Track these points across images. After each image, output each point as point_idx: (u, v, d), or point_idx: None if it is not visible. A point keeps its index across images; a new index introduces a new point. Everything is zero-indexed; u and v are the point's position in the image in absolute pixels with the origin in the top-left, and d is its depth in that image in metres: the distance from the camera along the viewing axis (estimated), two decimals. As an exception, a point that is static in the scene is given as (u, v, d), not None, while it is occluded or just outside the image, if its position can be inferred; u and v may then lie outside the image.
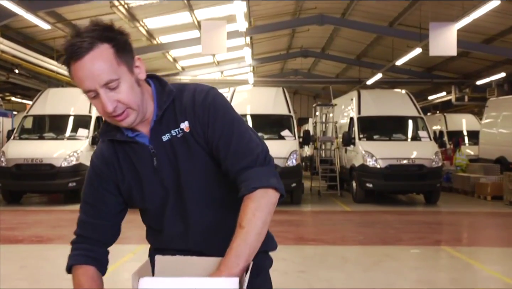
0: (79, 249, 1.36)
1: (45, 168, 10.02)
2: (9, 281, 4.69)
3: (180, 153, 1.33)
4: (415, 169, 10.55)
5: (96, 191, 1.36)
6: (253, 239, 1.20)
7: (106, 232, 1.38)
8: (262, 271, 1.49)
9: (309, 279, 4.86)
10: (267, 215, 1.25)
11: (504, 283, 4.84)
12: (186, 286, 0.98)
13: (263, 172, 1.28)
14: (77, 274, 1.32)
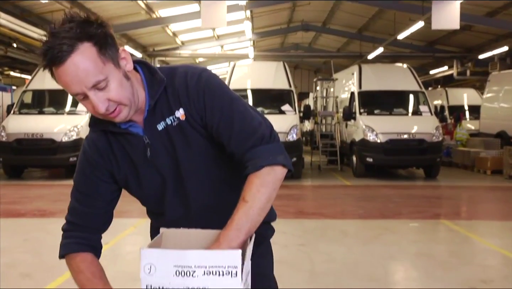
0: (73, 237, 1.34)
1: (45, 142, 10.05)
2: (12, 254, 4.75)
3: (177, 141, 1.30)
4: (416, 144, 10.56)
5: (88, 180, 1.33)
6: (255, 214, 1.18)
7: (99, 220, 1.36)
8: (265, 240, 1.50)
9: (309, 252, 4.91)
10: (272, 191, 1.23)
11: (503, 256, 4.89)
12: (188, 259, 0.98)
13: (269, 149, 1.25)
14: (75, 262, 1.31)
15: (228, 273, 0.96)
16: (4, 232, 5.62)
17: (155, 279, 0.98)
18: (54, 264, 4.39)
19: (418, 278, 4.25)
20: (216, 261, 0.97)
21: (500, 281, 4.11)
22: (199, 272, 0.96)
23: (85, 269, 1.28)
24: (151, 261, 0.99)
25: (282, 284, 1.77)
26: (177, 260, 0.97)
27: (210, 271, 0.96)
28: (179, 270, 0.97)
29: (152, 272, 0.98)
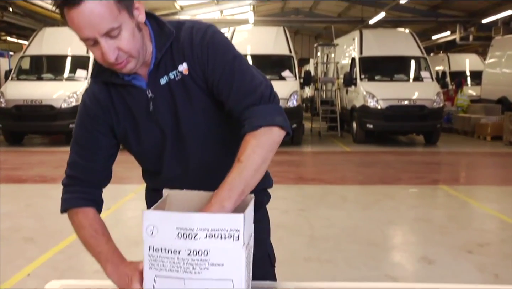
0: (74, 191, 1.33)
1: (45, 109, 10.02)
2: (15, 219, 4.81)
3: (178, 96, 1.29)
4: (416, 110, 10.53)
5: (88, 133, 1.32)
6: (249, 175, 1.16)
7: (99, 174, 1.35)
8: (261, 206, 1.51)
9: (309, 217, 4.97)
10: (267, 152, 1.21)
11: (500, 220, 4.95)
12: (191, 221, 0.98)
13: (268, 109, 1.24)
14: (77, 217, 1.30)
15: (230, 237, 0.96)
16: (6, 198, 5.67)
17: (157, 240, 0.98)
18: (56, 229, 4.45)
19: (416, 242, 4.31)
20: (219, 224, 0.97)
21: (497, 244, 4.17)
22: (201, 235, 0.96)
23: (87, 225, 1.28)
24: (153, 223, 0.99)
25: (282, 248, 1.79)
26: (179, 222, 0.97)
27: (212, 234, 0.96)
28: (181, 232, 0.97)
29: (154, 234, 0.99)
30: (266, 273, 1.39)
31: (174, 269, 0.98)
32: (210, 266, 0.97)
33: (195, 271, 0.98)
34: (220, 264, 0.97)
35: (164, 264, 0.99)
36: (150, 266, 1.00)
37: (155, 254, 0.99)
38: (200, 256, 0.97)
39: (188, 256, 0.97)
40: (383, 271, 3.53)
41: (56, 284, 1.29)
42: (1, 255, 3.77)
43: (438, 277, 3.39)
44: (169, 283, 0.99)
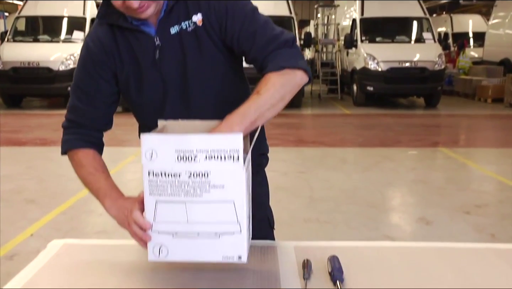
0: (75, 133, 1.31)
1: (42, 71, 9.93)
2: (17, 181, 4.84)
3: (188, 47, 1.25)
4: (417, 72, 10.43)
5: (90, 77, 1.28)
6: (265, 107, 1.13)
7: (99, 120, 1.33)
8: (260, 169, 1.50)
9: (309, 179, 5.00)
10: (287, 92, 1.17)
11: (498, 182, 4.99)
12: (190, 143, 0.96)
13: (292, 53, 1.21)
14: (77, 156, 1.29)
15: (230, 157, 0.95)
16: (7, 160, 5.69)
17: (157, 165, 0.97)
18: (58, 191, 4.48)
19: (414, 204, 4.35)
20: (218, 144, 0.95)
21: (494, 205, 4.21)
22: (200, 157, 0.96)
23: (87, 164, 1.27)
24: (152, 147, 0.97)
25: (282, 209, 1.80)
26: (178, 144, 0.96)
27: (212, 155, 0.95)
28: (181, 155, 0.96)
29: (154, 158, 0.97)
30: (266, 236, 1.41)
31: (175, 193, 0.98)
32: (211, 188, 0.97)
33: (196, 194, 0.97)
34: (221, 186, 0.97)
35: (164, 189, 0.98)
36: (150, 192, 0.99)
37: (155, 178, 0.98)
38: (201, 178, 0.96)
39: (189, 178, 0.97)
40: (382, 232, 3.58)
41: (59, 243, 1.30)
42: (4, 216, 3.81)
43: (435, 237, 3.44)
44: (171, 208, 0.99)
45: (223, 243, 1.00)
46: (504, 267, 1.16)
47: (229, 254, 1.01)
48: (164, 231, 1.01)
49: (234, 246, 1.00)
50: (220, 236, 1.00)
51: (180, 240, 1.01)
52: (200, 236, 1.00)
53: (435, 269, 1.15)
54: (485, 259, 1.20)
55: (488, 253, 1.24)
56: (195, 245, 1.01)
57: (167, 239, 1.02)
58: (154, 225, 1.01)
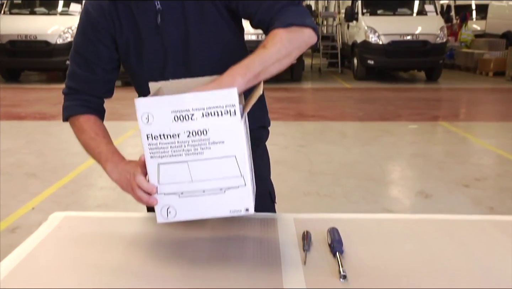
0: (76, 99, 1.30)
1: (40, 44, 9.83)
2: (17, 155, 4.85)
3: (191, 13, 1.22)
4: (419, 45, 10.33)
5: (90, 43, 1.26)
6: (270, 61, 1.08)
7: (100, 87, 1.31)
8: (261, 143, 1.50)
9: (308, 153, 5.01)
10: (294, 49, 1.12)
11: (497, 155, 5.00)
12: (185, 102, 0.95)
13: (299, 11, 1.16)
14: (79, 122, 1.28)
15: (227, 112, 0.95)
16: (7, 134, 5.69)
17: (155, 127, 0.97)
18: (58, 165, 4.50)
19: (414, 177, 4.37)
20: (213, 101, 0.95)
21: (493, 179, 4.23)
22: (197, 115, 0.95)
23: (88, 129, 1.26)
24: (147, 110, 0.97)
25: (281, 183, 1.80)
26: (173, 105, 0.96)
27: (209, 112, 0.95)
28: (177, 115, 0.96)
29: (150, 121, 0.97)
30: (267, 210, 1.41)
31: (176, 154, 0.98)
32: (211, 145, 0.97)
33: (197, 152, 0.98)
34: (221, 142, 0.97)
35: (165, 150, 0.98)
36: (151, 155, 0.99)
37: (154, 141, 0.98)
38: (200, 136, 0.97)
39: (188, 138, 0.97)
40: (381, 205, 3.60)
41: (60, 215, 1.31)
42: (5, 190, 3.83)
43: (434, 210, 3.47)
44: (173, 169, 0.99)
45: (229, 197, 1.01)
46: (502, 238, 1.17)
47: (236, 207, 1.02)
48: (170, 192, 1.02)
49: (240, 199, 1.02)
50: (225, 191, 1.00)
51: (186, 199, 1.02)
52: (205, 193, 1.01)
53: (435, 240, 1.16)
54: (484, 231, 1.21)
55: (487, 225, 1.25)
56: (202, 203, 1.01)
57: (173, 199, 1.02)
58: (159, 188, 1.02)
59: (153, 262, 1.05)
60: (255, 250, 1.11)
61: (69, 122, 1.32)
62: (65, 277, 0.99)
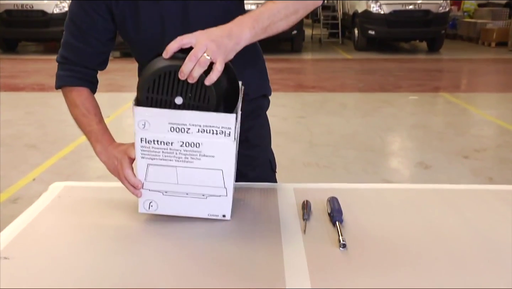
0: (68, 70, 1.28)
1: (36, 14, 9.70)
2: (16, 126, 4.84)
3: None
4: (421, 15, 10.19)
5: (84, 12, 1.23)
6: (278, 17, 1.05)
7: (94, 59, 1.28)
8: (262, 112, 1.49)
9: (308, 124, 5.00)
10: (302, 7, 1.09)
11: (498, 126, 4.99)
12: (183, 117, 0.96)
13: None
14: (71, 95, 1.27)
15: (222, 133, 0.98)
16: (5, 105, 5.67)
17: (150, 133, 1.00)
18: (58, 136, 4.49)
19: (413, 148, 4.37)
20: (211, 121, 0.98)
21: (493, 150, 4.24)
22: (193, 130, 0.99)
23: (80, 104, 1.25)
24: (145, 118, 0.99)
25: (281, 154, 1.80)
26: (171, 118, 0.98)
27: (204, 130, 0.98)
28: (174, 127, 0.99)
29: (147, 127, 1.00)
30: (267, 179, 1.41)
31: (166, 159, 1.02)
32: (201, 156, 1.01)
33: (187, 160, 1.02)
34: (211, 156, 1.01)
35: (156, 154, 1.02)
36: (142, 156, 1.03)
37: (147, 145, 1.01)
38: (192, 147, 1.00)
39: (181, 147, 1.00)
40: (381, 176, 3.62)
41: (60, 185, 1.31)
42: (6, 161, 3.84)
43: (434, 181, 3.48)
44: (162, 171, 1.03)
45: (209, 203, 1.06)
46: (501, 207, 1.17)
47: (214, 212, 1.08)
48: (155, 190, 1.06)
49: (220, 206, 1.07)
50: (207, 197, 1.06)
51: (169, 197, 1.07)
52: (188, 195, 1.06)
53: (434, 209, 1.16)
54: (483, 200, 1.22)
55: (486, 194, 1.25)
56: (184, 203, 1.07)
57: (157, 196, 1.07)
58: (145, 184, 1.06)
59: (154, 227, 1.07)
60: (255, 220, 1.11)
61: (62, 92, 1.30)
62: (66, 245, 1.00)
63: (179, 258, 0.95)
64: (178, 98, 0.98)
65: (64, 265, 0.92)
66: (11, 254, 0.96)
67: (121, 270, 0.91)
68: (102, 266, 0.92)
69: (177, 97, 0.98)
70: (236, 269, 0.91)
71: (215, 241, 1.01)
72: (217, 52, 0.96)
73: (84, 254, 0.97)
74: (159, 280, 0.87)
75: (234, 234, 1.04)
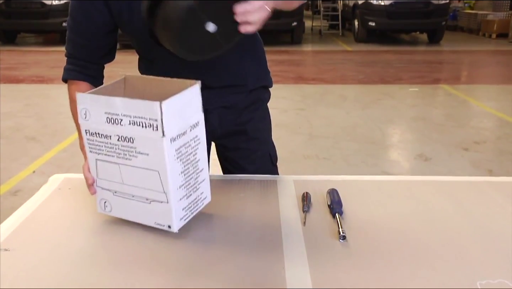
0: (73, 64, 1.29)
1: (35, 5, 9.66)
2: (15, 118, 4.83)
3: None
4: (421, 6, 10.14)
5: (81, 7, 1.22)
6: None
7: (95, 53, 1.29)
8: (263, 104, 1.49)
9: (308, 116, 4.99)
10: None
11: (498, 118, 4.98)
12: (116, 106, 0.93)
13: None
14: (71, 89, 1.28)
15: (150, 126, 0.91)
16: (5, 97, 5.66)
17: (91, 124, 0.98)
18: (58, 128, 4.49)
19: (413, 140, 4.37)
20: (138, 111, 0.92)
21: (493, 142, 4.23)
22: (125, 121, 0.94)
23: (75, 99, 1.27)
24: (85, 107, 0.97)
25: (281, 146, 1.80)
26: (106, 106, 0.95)
27: (135, 121, 0.93)
28: (109, 117, 0.95)
29: (88, 118, 0.97)
30: (267, 173, 1.41)
31: (109, 154, 0.98)
32: (137, 154, 0.95)
33: (126, 157, 0.97)
34: (146, 154, 0.94)
35: (100, 148, 0.99)
36: (90, 150, 1.00)
37: (91, 138, 0.99)
38: (127, 142, 0.95)
39: (118, 141, 0.96)
40: (381, 168, 3.62)
41: (60, 177, 1.31)
42: (6, 153, 3.84)
43: (433, 173, 3.48)
44: (108, 167, 1.00)
45: (154, 209, 0.99)
46: (501, 199, 1.17)
47: (160, 221, 1.00)
48: (106, 188, 1.03)
49: (163, 215, 0.99)
50: (151, 202, 0.99)
51: (119, 198, 1.02)
52: (134, 198, 1.00)
53: (434, 201, 1.16)
54: (482, 192, 1.22)
55: (485, 186, 1.25)
56: (132, 206, 1.02)
57: (109, 195, 1.04)
58: (98, 181, 1.04)
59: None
60: (255, 211, 1.11)
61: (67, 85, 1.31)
62: (66, 237, 1.00)
63: (178, 254, 0.95)
64: (212, 25, 0.95)
65: (64, 257, 0.93)
66: (11, 245, 0.96)
67: (121, 261, 0.91)
68: (102, 258, 0.93)
69: (211, 25, 0.95)
70: (237, 263, 0.91)
71: (215, 232, 1.02)
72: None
73: (84, 245, 0.97)
74: (157, 276, 0.88)
75: (233, 226, 1.04)
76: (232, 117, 1.39)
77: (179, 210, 0.99)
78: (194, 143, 1.00)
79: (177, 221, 0.99)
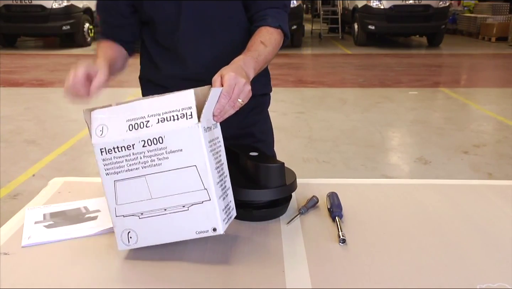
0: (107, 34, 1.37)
1: (35, 9, 9.67)
2: (15, 122, 4.83)
3: None
4: (421, 10, 10.16)
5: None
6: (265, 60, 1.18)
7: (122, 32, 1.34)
8: (263, 109, 1.50)
9: (308, 120, 4.99)
10: (275, 52, 1.25)
11: (497, 122, 4.99)
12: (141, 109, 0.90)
13: (285, 18, 1.30)
14: (101, 46, 1.32)
15: (183, 116, 0.88)
16: (5, 101, 5.66)
17: (108, 139, 0.91)
18: (57, 132, 4.49)
19: (413, 144, 4.37)
20: (169, 106, 0.88)
21: (492, 145, 4.24)
22: (153, 121, 0.89)
23: (99, 51, 1.29)
24: (102, 122, 0.92)
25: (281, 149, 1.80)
26: (129, 114, 0.91)
27: (164, 118, 0.89)
28: (132, 124, 0.91)
29: (105, 133, 0.92)
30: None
31: (132, 167, 0.91)
32: (168, 154, 0.89)
33: (154, 163, 0.89)
34: (179, 150, 0.88)
35: (120, 165, 0.91)
36: (107, 172, 0.92)
37: (108, 156, 0.92)
38: (156, 144, 0.89)
39: (144, 147, 0.90)
40: (380, 171, 3.62)
41: (59, 181, 1.31)
42: (5, 156, 3.84)
43: (433, 176, 3.48)
44: (131, 186, 0.92)
45: (193, 215, 0.90)
46: (500, 202, 1.18)
47: (202, 227, 0.91)
48: (129, 214, 0.93)
49: (206, 217, 0.90)
50: (188, 208, 0.90)
51: (147, 220, 0.93)
52: (167, 211, 0.91)
53: (433, 204, 1.17)
54: (482, 195, 1.22)
55: (485, 190, 1.25)
56: (165, 224, 0.92)
57: (133, 221, 0.93)
58: (117, 209, 0.93)
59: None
60: (254, 215, 1.11)
61: None
62: (66, 241, 1.00)
63: (179, 256, 0.95)
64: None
65: (64, 261, 0.93)
66: (11, 249, 0.96)
67: (121, 265, 0.91)
68: (102, 262, 0.92)
69: None
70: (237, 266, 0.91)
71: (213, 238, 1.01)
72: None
73: (84, 249, 0.97)
74: (159, 277, 0.88)
75: (233, 228, 1.04)
76: (237, 121, 1.40)
77: (221, 208, 0.91)
78: (218, 143, 0.96)
79: (221, 221, 0.91)
